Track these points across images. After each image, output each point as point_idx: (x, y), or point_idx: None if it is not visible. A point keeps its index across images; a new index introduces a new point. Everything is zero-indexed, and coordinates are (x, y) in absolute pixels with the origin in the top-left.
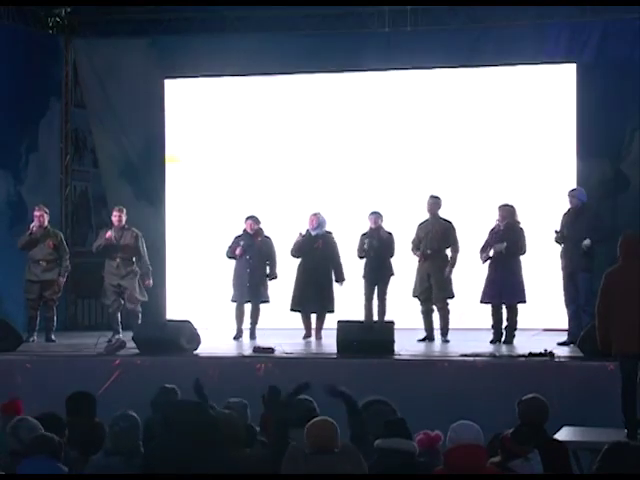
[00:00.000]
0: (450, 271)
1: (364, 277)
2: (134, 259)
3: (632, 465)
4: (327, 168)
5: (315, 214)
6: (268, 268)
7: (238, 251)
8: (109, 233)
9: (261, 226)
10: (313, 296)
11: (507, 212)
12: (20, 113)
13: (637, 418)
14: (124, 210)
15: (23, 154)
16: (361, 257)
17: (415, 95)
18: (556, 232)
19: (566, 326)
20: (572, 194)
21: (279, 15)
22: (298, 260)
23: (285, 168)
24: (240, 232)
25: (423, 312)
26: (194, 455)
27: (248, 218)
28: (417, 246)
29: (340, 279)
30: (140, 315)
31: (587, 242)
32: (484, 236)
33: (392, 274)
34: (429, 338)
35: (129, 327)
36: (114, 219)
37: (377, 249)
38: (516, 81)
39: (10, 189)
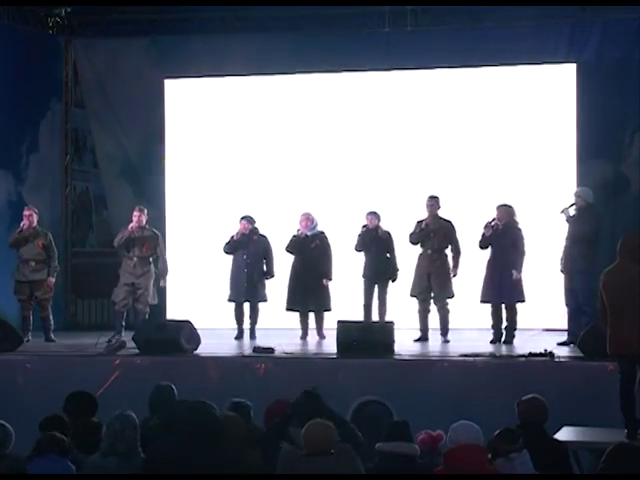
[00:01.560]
0: (455, 273)
1: (364, 276)
2: (151, 259)
3: (636, 466)
4: (327, 168)
5: (307, 214)
6: (265, 267)
7: (236, 236)
8: (132, 225)
9: (257, 225)
10: (311, 295)
11: (505, 212)
12: (21, 113)
13: (637, 418)
14: (145, 210)
15: (24, 154)
16: (359, 251)
17: (415, 95)
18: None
19: (566, 326)
20: (577, 194)
21: (279, 15)
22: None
23: (285, 168)
24: (236, 232)
25: (420, 312)
26: (196, 456)
27: (242, 218)
28: (417, 238)
29: (328, 277)
30: (147, 317)
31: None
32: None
33: (392, 273)
34: (424, 338)
35: (134, 327)
36: (134, 219)
37: (377, 248)
38: (516, 81)
39: (10, 189)
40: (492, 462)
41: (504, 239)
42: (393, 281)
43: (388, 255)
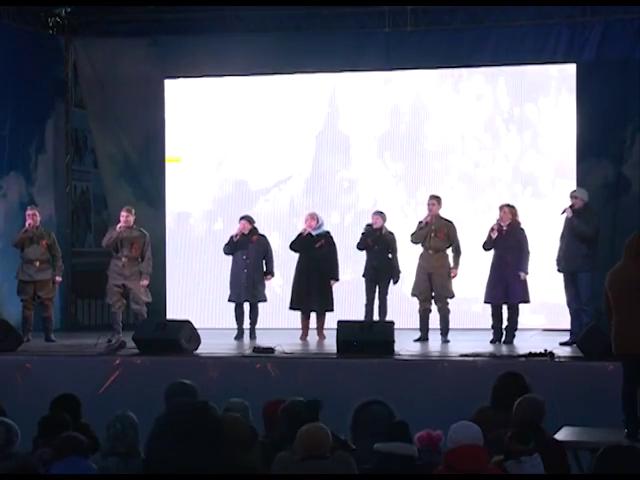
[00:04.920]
0: (455, 273)
1: (364, 275)
2: (139, 259)
3: (628, 466)
4: (327, 167)
5: (313, 214)
6: (265, 267)
7: (235, 237)
8: (120, 225)
9: (256, 225)
10: (313, 295)
11: (509, 212)
12: (27, 114)
13: (638, 418)
14: (132, 210)
15: (32, 155)
16: (360, 249)
17: (415, 95)
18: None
19: (566, 326)
20: (573, 195)
21: (279, 15)
22: (296, 259)
23: (285, 168)
24: (235, 232)
25: (420, 312)
26: (196, 456)
27: (242, 218)
28: (418, 237)
29: (335, 278)
30: (146, 316)
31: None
32: (484, 236)
33: (393, 275)
34: (424, 338)
35: (134, 327)
36: (122, 219)
37: (379, 248)
38: (516, 81)
39: (22, 190)
40: (503, 464)
41: (508, 240)
42: (395, 282)
43: (390, 256)
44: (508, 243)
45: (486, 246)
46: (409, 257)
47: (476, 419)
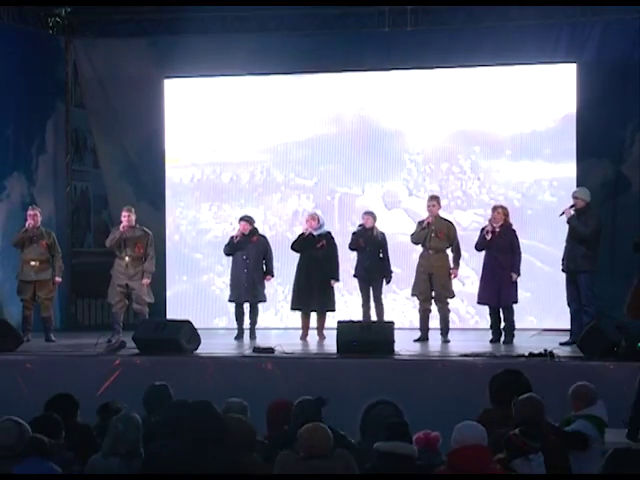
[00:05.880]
0: (456, 273)
1: (356, 276)
2: (143, 259)
3: (635, 468)
4: (327, 167)
5: (313, 214)
6: (265, 267)
7: (235, 238)
8: (123, 225)
9: (256, 225)
10: (314, 295)
11: (502, 214)
12: (28, 115)
13: None
14: (133, 210)
15: (34, 156)
16: (352, 249)
17: (415, 95)
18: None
19: (566, 326)
20: (575, 195)
21: (279, 15)
22: (297, 260)
23: (285, 168)
24: (235, 232)
25: (420, 312)
26: (198, 456)
27: (241, 219)
28: (418, 238)
29: (335, 278)
30: (147, 317)
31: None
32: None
33: (386, 274)
34: (424, 338)
35: (134, 327)
36: (123, 219)
37: (370, 248)
38: (516, 81)
39: (24, 191)
40: (509, 463)
41: (501, 241)
42: (387, 282)
43: (381, 256)
44: (500, 244)
45: (478, 247)
46: (407, 258)
47: (481, 421)
